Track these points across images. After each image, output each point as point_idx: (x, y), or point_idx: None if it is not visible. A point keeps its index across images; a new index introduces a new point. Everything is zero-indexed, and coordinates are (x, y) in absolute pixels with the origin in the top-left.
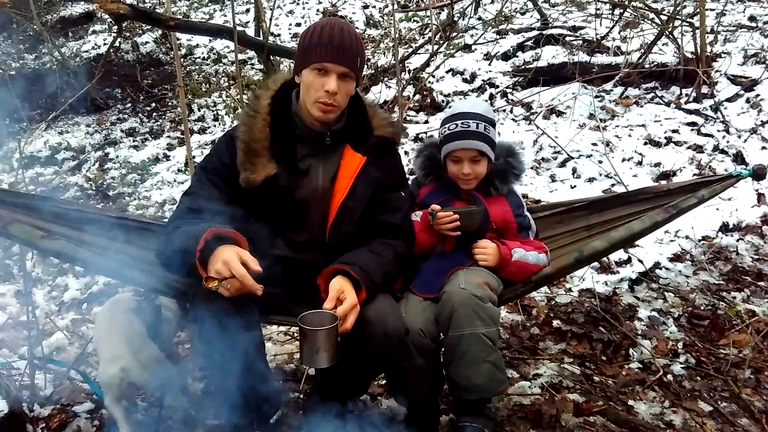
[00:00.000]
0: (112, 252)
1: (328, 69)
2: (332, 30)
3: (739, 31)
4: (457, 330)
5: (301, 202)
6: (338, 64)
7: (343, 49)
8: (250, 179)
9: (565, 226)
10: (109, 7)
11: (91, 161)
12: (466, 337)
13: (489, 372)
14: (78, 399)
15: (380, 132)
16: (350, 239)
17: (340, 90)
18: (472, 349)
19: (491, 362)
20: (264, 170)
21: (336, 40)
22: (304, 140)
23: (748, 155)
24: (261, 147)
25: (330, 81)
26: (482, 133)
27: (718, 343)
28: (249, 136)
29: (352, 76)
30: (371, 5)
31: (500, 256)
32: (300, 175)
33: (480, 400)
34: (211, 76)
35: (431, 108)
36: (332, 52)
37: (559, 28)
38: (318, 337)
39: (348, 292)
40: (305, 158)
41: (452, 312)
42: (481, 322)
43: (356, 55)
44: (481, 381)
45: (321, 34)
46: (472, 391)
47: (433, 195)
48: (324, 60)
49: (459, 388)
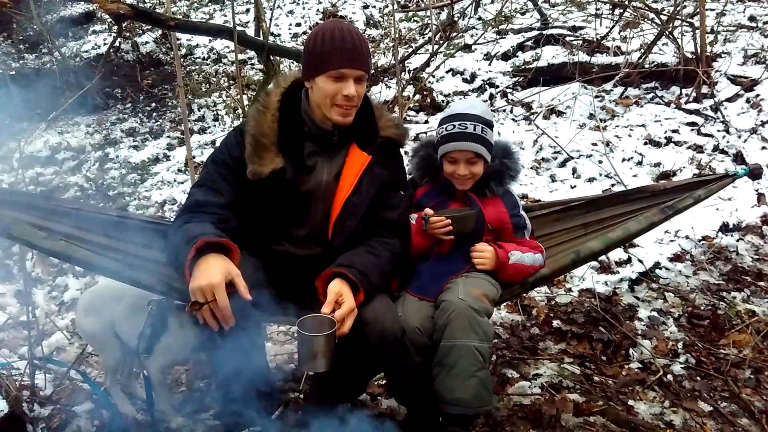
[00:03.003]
0: (114, 252)
1: (345, 75)
2: (343, 35)
3: (739, 31)
4: (449, 340)
5: (305, 196)
6: (354, 69)
7: (357, 53)
8: (257, 171)
9: (562, 225)
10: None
11: (91, 161)
12: (458, 348)
13: (475, 388)
14: (78, 399)
15: (386, 133)
16: (353, 236)
17: (358, 93)
18: (462, 361)
19: (479, 378)
20: (271, 164)
21: (349, 44)
22: (312, 138)
23: (748, 155)
24: (269, 142)
25: (349, 86)
26: (479, 135)
27: (718, 343)
28: (258, 130)
29: (366, 77)
30: (371, 5)
31: (498, 260)
32: (305, 171)
33: (463, 417)
34: (211, 76)
35: (431, 108)
36: (347, 58)
37: (559, 28)
38: (316, 343)
39: (346, 296)
40: (311, 155)
41: (448, 321)
42: (475, 336)
43: (367, 56)
44: (466, 396)
45: (333, 39)
46: (456, 405)
47: (428, 196)
48: (341, 66)
49: (442, 400)
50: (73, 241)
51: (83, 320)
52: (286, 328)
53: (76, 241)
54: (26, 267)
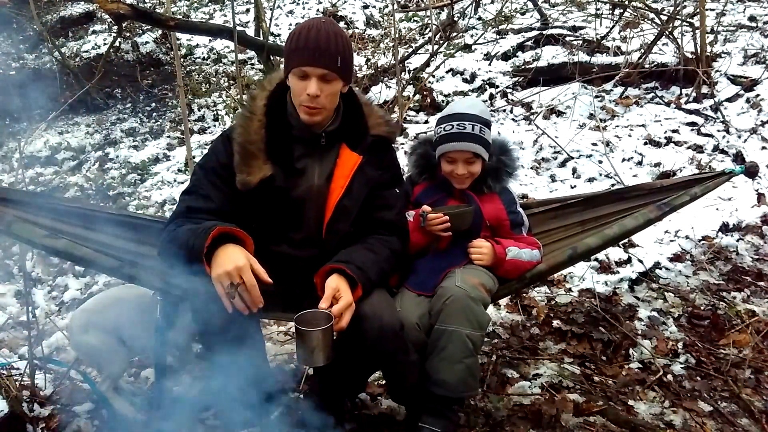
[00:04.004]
0: (114, 249)
1: (307, 72)
2: (309, 32)
3: (739, 31)
4: (443, 324)
5: (298, 201)
6: (316, 66)
7: (320, 51)
8: (245, 181)
9: (560, 222)
10: (109, 7)
11: (91, 161)
12: (449, 333)
13: (461, 373)
14: (78, 399)
15: (376, 131)
16: (346, 237)
17: (323, 92)
18: (452, 346)
19: (467, 365)
20: (260, 172)
21: (312, 42)
22: (300, 140)
23: (748, 155)
24: (256, 149)
25: (310, 84)
26: (477, 135)
27: (718, 343)
28: (245, 138)
29: (335, 76)
30: (371, 5)
31: (495, 256)
32: (296, 174)
33: (446, 399)
34: (211, 76)
35: (431, 108)
36: (309, 56)
37: (559, 28)
38: (313, 337)
39: (343, 291)
40: (301, 158)
41: (443, 307)
42: (468, 324)
43: (335, 54)
44: (451, 379)
45: (299, 38)
46: (440, 386)
47: (426, 193)
48: (302, 64)
49: (428, 379)
50: (74, 239)
51: (82, 338)
52: (286, 327)
53: (77, 239)
54: (26, 267)
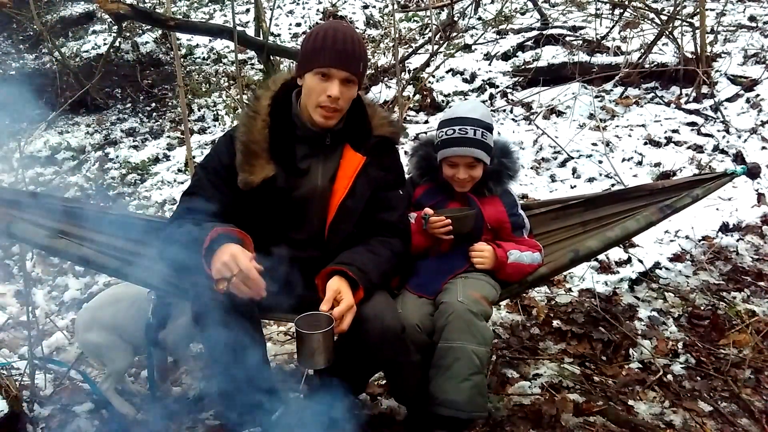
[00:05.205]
0: (113, 249)
1: (331, 74)
2: (336, 35)
3: (739, 31)
4: (447, 341)
5: (301, 201)
6: (341, 70)
7: (347, 54)
8: (247, 181)
9: (561, 223)
10: (109, 7)
11: (91, 161)
12: (455, 349)
13: (469, 391)
14: (78, 399)
15: (380, 131)
16: (349, 238)
17: (343, 95)
18: (458, 364)
19: (474, 382)
20: (262, 172)
21: (339, 45)
22: (304, 140)
23: (748, 155)
24: (260, 148)
25: (333, 86)
26: (479, 140)
27: (718, 343)
28: (248, 137)
29: (355, 80)
30: (371, 5)
31: (497, 260)
32: (299, 175)
33: (454, 421)
34: (211, 76)
35: (431, 108)
36: (335, 58)
37: (559, 28)
38: (314, 340)
39: (345, 293)
40: (305, 158)
41: (446, 323)
42: (473, 339)
43: (359, 59)
44: (459, 398)
45: (325, 38)
46: (448, 407)
47: (428, 195)
48: (327, 65)
49: (435, 402)
50: (74, 239)
51: (87, 336)
52: (286, 327)
53: (77, 239)
54: (26, 267)
